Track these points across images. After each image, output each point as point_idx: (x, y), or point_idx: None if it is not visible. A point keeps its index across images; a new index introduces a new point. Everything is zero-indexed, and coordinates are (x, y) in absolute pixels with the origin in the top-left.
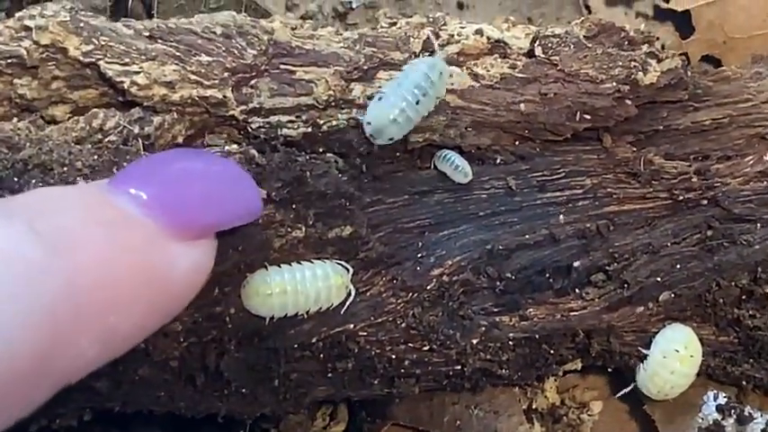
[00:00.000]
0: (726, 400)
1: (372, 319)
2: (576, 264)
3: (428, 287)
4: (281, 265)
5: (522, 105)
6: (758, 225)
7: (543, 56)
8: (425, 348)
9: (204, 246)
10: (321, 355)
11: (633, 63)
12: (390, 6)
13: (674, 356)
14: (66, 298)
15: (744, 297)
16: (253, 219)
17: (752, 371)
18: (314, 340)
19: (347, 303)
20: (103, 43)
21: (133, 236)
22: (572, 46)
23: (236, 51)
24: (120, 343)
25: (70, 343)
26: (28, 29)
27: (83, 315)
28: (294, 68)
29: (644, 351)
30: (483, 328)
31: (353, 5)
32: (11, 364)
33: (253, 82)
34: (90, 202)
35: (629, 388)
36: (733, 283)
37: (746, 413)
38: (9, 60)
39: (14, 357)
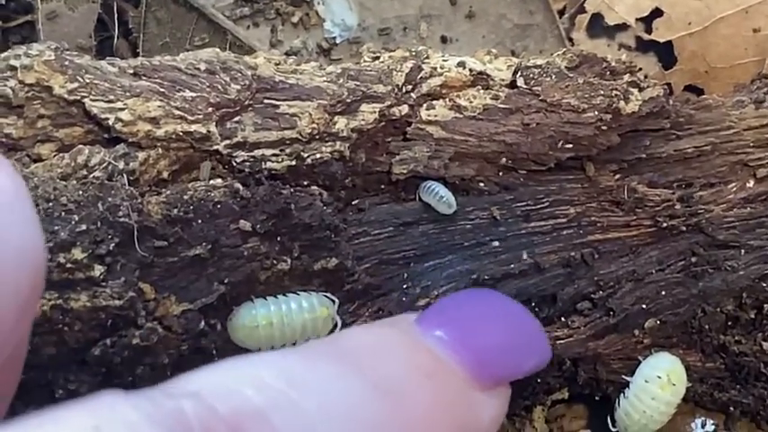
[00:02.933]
0: (714, 427)
1: None
2: (561, 292)
3: None
4: (267, 298)
5: (505, 136)
6: (742, 251)
7: (525, 86)
8: None
9: (503, 394)
10: None
11: (615, 92)
12: (374, 41)
13: (655, 383)
14: None
15: (729, 323)
16: (543, 366)
17: (739, 396)
18: None
19: None
20: (88, 81)
21: (449, 386)
22: (553, 76)
23: (219, 87)
24: None
25: None
26: (13, 68)
27: None
28: (278, 103)
29: (627, 378)
30: None
31: (337, 41)
32: None
33: (237, 117)
34: (410, 347)
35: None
36: (718, 309)
37: None
38: None
39: None
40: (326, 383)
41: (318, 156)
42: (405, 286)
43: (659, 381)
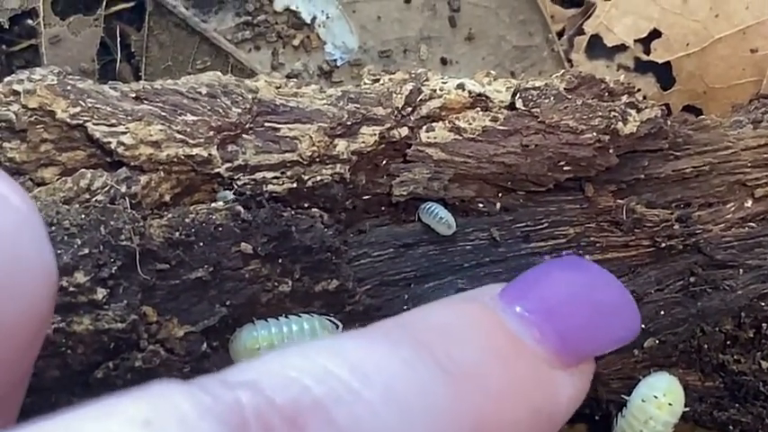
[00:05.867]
0: None
1: None
2: None
3: None
4: (269, 320)
5: (504, 157)
6: (740, 270)
7: (524, 108)
8: None
9: (586, 371)
10: None
11: (613, 113)
12: (375, 63)
13: (652, 402)
14: None
15: (728, 342)
16: (633, 339)
17: (738, 415)
18: None
19: None
20: (90, 105)
21: (525, 369)
22: (552, 98)
23: (221, 110)
24: None
25: None
26: (16, 93)
27: None
28: (278, 126)
29: (626, 397)
30: None
31: (338, 63)
32: None
33: (238, 140)
34: (488, 327)
35: None
36: (717, 329)
37: None
38: None
39: None
40: (392, 370)
41: (319, 178)
42: (405, 307)
43: (656, 401)
